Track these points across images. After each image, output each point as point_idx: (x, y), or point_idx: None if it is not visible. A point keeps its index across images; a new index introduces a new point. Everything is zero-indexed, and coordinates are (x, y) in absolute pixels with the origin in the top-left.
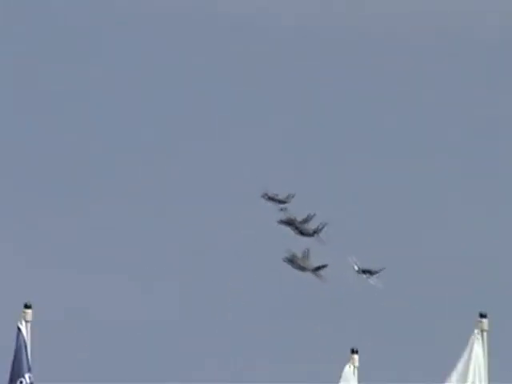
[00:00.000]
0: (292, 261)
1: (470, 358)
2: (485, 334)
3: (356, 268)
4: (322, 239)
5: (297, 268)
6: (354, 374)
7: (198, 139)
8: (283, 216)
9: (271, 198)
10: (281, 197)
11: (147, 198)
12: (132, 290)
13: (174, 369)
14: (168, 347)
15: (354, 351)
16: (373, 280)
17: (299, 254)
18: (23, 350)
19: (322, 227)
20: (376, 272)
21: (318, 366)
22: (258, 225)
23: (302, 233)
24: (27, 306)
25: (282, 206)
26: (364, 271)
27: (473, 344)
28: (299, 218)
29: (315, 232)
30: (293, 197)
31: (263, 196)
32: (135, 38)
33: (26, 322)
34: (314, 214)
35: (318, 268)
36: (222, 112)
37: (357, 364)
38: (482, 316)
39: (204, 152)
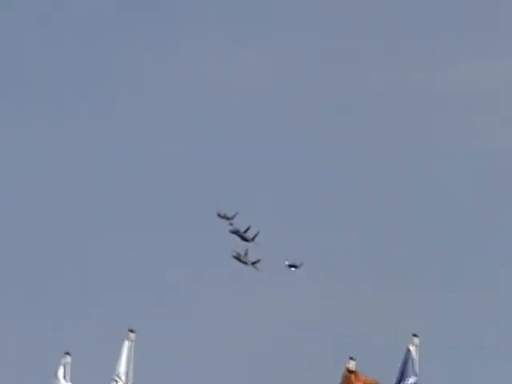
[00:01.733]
0: (237, 258)
1: None
2: None
3: (287, 263)
4: (258, 244)
5: (241, 262)
6: None
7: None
8: (232, 228)
9: (223, 216)
10: (229, 215)
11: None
12: None
13: None
14: None
15: None
16: (297, 271)
17: (242, 253)
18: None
19: (256, 235)
20: (299, 266)
21: None
22: (215, 234)
23: (244, 239)
24: None
25: (230, 221)
26: (291, 266)
27: None
28: (242, 230)
29: (252, 239)
30: (237, 214)
31: (218, 215)
32: None
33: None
34: (250, 226)
35: (254, 262)
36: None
37: None
38: None
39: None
